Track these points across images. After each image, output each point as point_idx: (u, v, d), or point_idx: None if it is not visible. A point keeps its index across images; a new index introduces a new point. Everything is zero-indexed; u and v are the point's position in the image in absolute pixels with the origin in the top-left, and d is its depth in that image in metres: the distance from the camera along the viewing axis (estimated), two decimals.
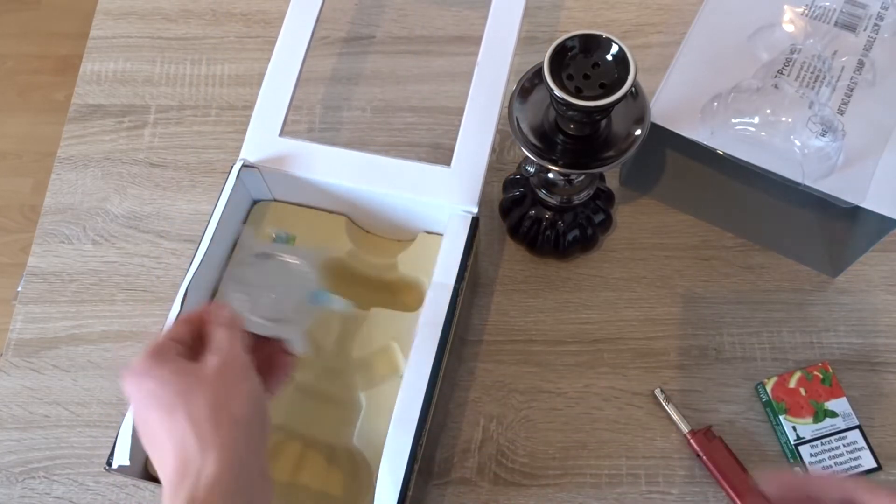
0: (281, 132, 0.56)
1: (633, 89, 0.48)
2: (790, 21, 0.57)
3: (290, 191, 0.58)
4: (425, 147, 0.68)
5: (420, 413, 0.47)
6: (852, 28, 0.56)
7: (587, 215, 0.60)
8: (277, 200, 0.59)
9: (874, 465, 0.54)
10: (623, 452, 0.57)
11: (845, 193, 0.51)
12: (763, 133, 0.51)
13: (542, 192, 0.58)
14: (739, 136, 0.52)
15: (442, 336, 0.49)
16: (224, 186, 0.55)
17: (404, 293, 0.58)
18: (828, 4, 0.57)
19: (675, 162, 0.60)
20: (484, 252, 0.63)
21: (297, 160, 0.55)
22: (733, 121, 0.52)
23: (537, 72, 0.52)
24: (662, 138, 0.54)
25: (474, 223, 0.53)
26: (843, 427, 0.54)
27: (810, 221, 0.58)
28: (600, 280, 0.62)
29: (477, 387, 0.59)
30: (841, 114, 0.53)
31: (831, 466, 0.54)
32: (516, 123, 0.51)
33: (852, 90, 0.54)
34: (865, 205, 0.50)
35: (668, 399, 0.57)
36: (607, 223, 0.62)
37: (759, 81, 0.53)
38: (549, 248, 0.61)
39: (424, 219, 0.56)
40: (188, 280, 0.51)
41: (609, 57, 0.47)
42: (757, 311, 0.60)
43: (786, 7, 0.57)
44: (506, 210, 0.62)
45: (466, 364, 0.60)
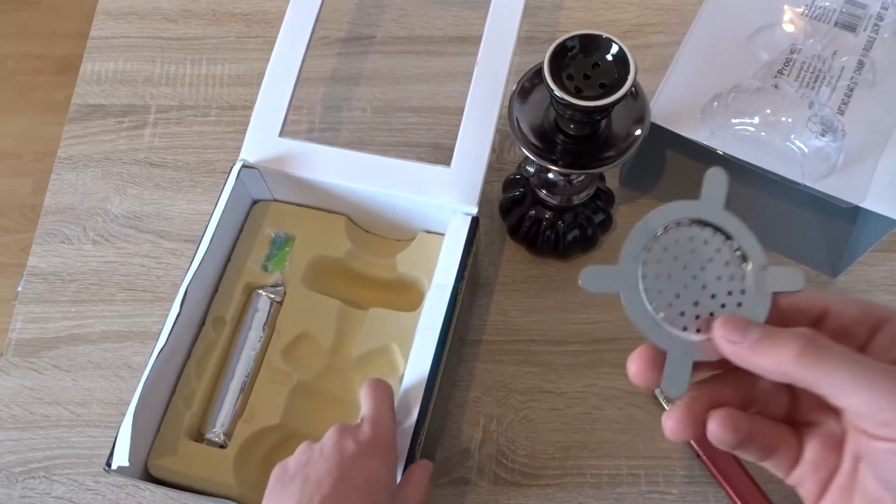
0: (281, 132, 0.56)
1: (633, 89, 0.48)
2: (790, 21, 0.57)
3: (290, 191, 0.58)
4: (425, 147, 0.68)
5: (418, 414, 0.47)
6: (852, 28, 0.56)
7: (587, 215, 0.60)
8: (277, 201, 0.59)
9: None
10: (623, 452, 0.57)
11: (845, 193, 0.51)
12: (763, 133, 0.51)
13: (542, 192, 0.58)
14: (739, 136, 0.52)
15: (441, 337, 0.49)
16: (224, 186, 0.55)
17: (404, 293, 0.58)
18: (828, 4, 0.57)
19: (675, 162, 0.60)
20: (484, 252, 0.63)
21: (297, 160, 0.55)
22: (733, 121, 0.52)
23: (537, 72, 0.52)
24: (662, 138, 0.54)
25: (474, 223, 0.53)
26: None
27: (810, 221, 0.58)
28: None
29: (477, 387, 0.59)
30: (841, 114, 0.53)
31: None
32: (516, 123, 0.51)
33: (852, 90, 0.54)
34: (865, 205, 0.50)
35: (668, 399, 0.57)
36: (607, 223, 0.62)
37: (759, 81, 0.53)
38: (549, 248, 0.61)
39: (424, 218, 0.56)
40: (188, 280, 0.51)
41: (609, 57, 0.47)
42: None
43: (786, 7, 0.57)
44: (506, 210, 0.62)
45: (466, 364, 0.60)
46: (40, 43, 1.62)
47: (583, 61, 0.47)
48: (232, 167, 0.55)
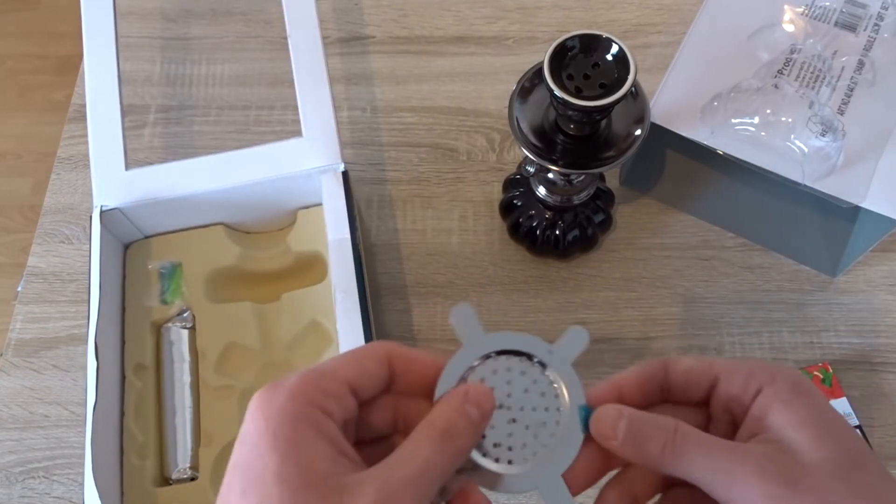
0: (126, 166, 0.55)
1: (633, 89, 0.48)
2: (790, 21, 0.57)
3: (159, 219, 0.57)
4: (425, 147, 0.68)
5: None
6: (852, 28, 0.56)
7: (587, 215, 0.60)
8: (149, 237, 0.58)
9: None
10: None
11: (845, 193, 0.51)
12: (763, 133, 0.51)
13: (542, 192, 0.58)
14: (739, 136, 0.52)
15: (359, 285, 0.50)
16: (91, 237, 0.53)
17: (308, 270, 0.59)
18: (828, 4, 0.57)
19: (675, 162, 0.60)
20: (484, 252, 0.64)
21: (154, 185, 0.55)
22: (733, 121, 0.52)
23: (537, 72, 0.52)
24: (662, 138, 0.54)
25: (345, 176, 0.54)
26: None
27: (810, 221, 0.58)
28: (600, 280, 0.62)
29: None
30: (841, 114, 0.53)
31: None
32: (516, 123, 0.51)
33: (852, 90, 0.54)
34: (865, 205, 0.50)
35: None
36: (607, 223, 0.62)
37: (759, 81, 0.53)
38: (549, 248, 0.61)
39: (297, 196, 0.57)
40: (93, 334, 0.49)
41: (609, 57, 0.47)
42: (757, 311, 0.60)
43: (786, 7, 0.57)
44: (506, 210, 0.62)
45: None
46: (40, 43, 1.62)
47: (583, 61, 0.47)
48: (91, 218, 0.53)
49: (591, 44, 0.47)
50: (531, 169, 0.57)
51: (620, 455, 0.29)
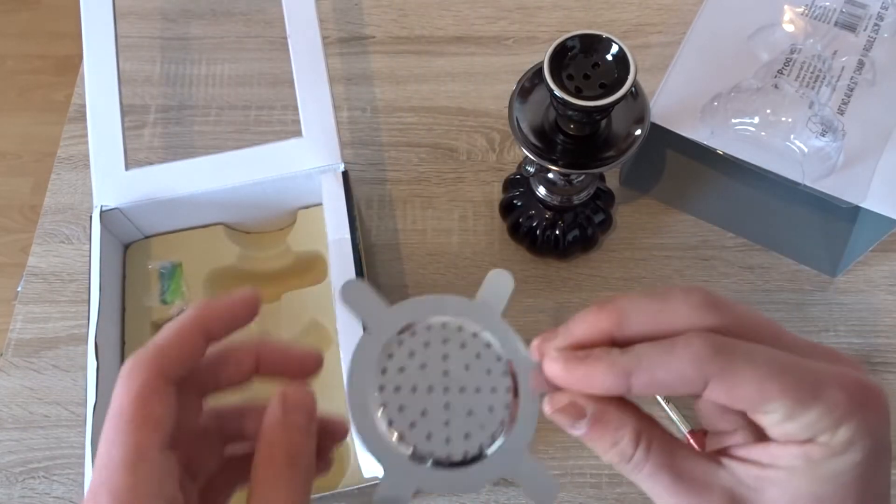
0: (126, 166, 0.55)
1: (633, 89, 0.48)
2: (790, 21, 0.57)
3: (158, 220, 0.57)
4: (425, 147, 0.68)
5: None
6: (852, 28, 0.56)
7: (587, 215, 0.60)
8: (149, 237, 0.58)
9: None
10: None
11: (845, 193, 0.51)
12: (763, 133, 0.51)
13: (542, 192, 0.58)
14: (739, 136, 0.52)
15: None
16: (91, 237, 0.53)
17: (309, 270, 0.59)
18: (828, 4, 0.57)
19: (675, 162, 0.60)
20: (484, 252, 0.64)
21: (154, 185, 0.54)
22: (733, 121, 0.52)
23: (537, 72, 0.52)
24: (662, 138, 0.54)
25: (345, 176, 0.54)
26: None
27: (810, 221, 0.58)
28: (600, 280, 0.62)
29: None
30: (841, 114, 0.53)
31: None
32: (516, 123, 0.51)
33: (852, 90, 0.54)
34: (865, 205, 0.50)
35: (668, 399, 0.57)
36: (607, 223, 0.62)
37: (759, 81, 0.53)
38: (549, 248, 0.61)
39: (297, 196, 0.57)
40: (93, 335, 0.49)
41: (609, 57, 0.47)
42: None
43: (786, 7, 0.57)
44: (506, 210, 0.62)
45: None
46: (40, 43, 1.62)
47: (583, 61, 0.47)
48: (91, 218, 0.53)
49: (591, 44, 0.47)
50: (531, 169, 0.57)
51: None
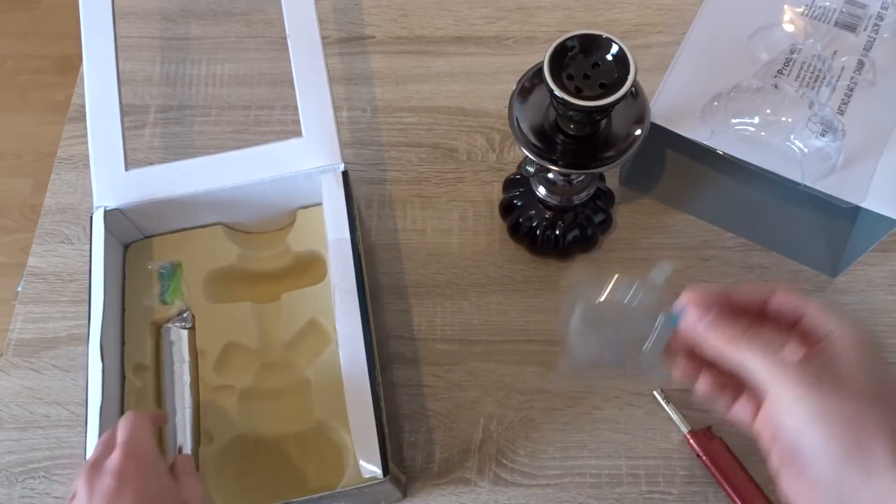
0: (126, 166, 0.55)
1: (633, 89, 0.48)
2: (790, 21, 0.57)
3: (159, 220, 0.57)
4: (425, 147, 0.68)
5: (366, 356, 0.48)
6: (852, 28, 0.56)
7: (587, 215, 0.60)
8: (149, 237, 0.59)
9: None
10: (623, 452, 0.57)
11: (845, 193, 0.51)
12: (763, 133, 0.51)
13: (542, 192, 0.58)
14: (739, 136, 0.52)
15: (359, 285, 0.50)
16: (92, 238, 0.53)
17: (308, 269, 0.59)
18: (828, 4, 0.57)
19: (675, 162, 0.60)
20: (484, 252, 0.64)
21: (154, 186, 0.55)
22: (733, 121, 0.52)
23: (537, 72, 0.52)
24: (662, 138, 0.54)
25: (345, 176, 0.54)
26: None
27: (810, 221, 0.58)
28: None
29: (477, 387, 0.59)
30: (841, 114, 0.53)
31: None
32: (516, 123, 0.51)
33: (852, 90, 0.54)
34: (865, 205, 0.50)
35: (668, 399, 0.57)
36: (607, 223, 0.62)
37: (759, 81, 0.53)
38: (549, 248, 0.61)
39: (297, 195, 0.57)
40: (98, 333, 0.50)
41: (609, 57, 0.47)
42: None
43: (786, 7, 0.57)
44: (506, 210, 0.62)
45: (466, 364, 0.60)
46: (40, 43, 1.62)
47: (583, 61, 0.47)
48: (92, 218, 0.53)
49: (591, 44, 0.47)
50: (531, 169, 0.57)
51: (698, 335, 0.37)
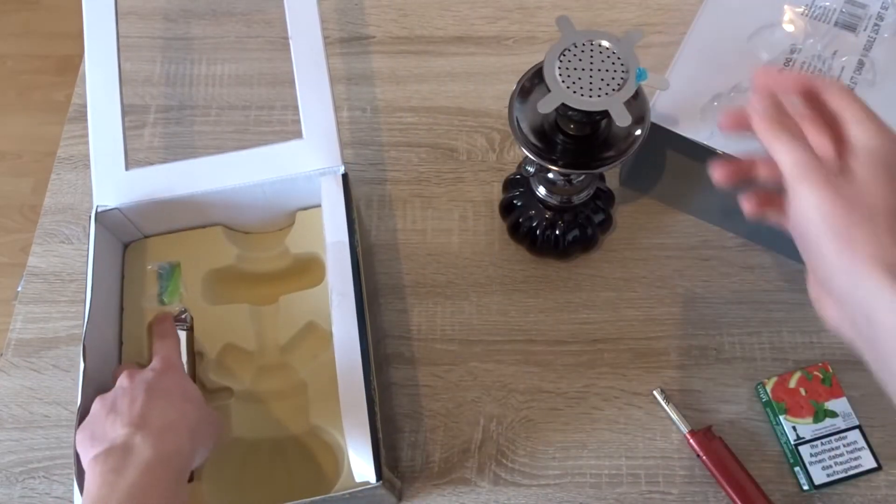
0: (127, 166, 0.55)
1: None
2: (790, 21, 0.57)
3: (158, 220, 0.57)
4: (425, 147, 0.68)
5: (362, 360, 0.48)
6: (852, 28, 0.56)
7: (587, 215, 0.60)
8: (148, 237, 0.58)
9: (874, 465, 0.54)
10: (623, 452, 0.57)
11: None
12: None
13: (542, 192, 0.58)
14: (739, 136, 0.52)
15: (356, 288, 0.50)
16: (89, 237, 0.53)
17: (306, 272, 0.59)
18: (828, 4, 0.57)
19: (675, 162, 0.60)
20: (484, 252, 0.64)
21: (154, 186, 0.54)
22: None
23: (537, 72, 0.52)
24: (662, 138, 0.54)
25: (345, 179, 0.54)
26: (843, 427, 0.54)
27: None
28: (600, 280, 0.62)
29: (477, 387, 0.59)
30: None
31: (831, 466, 0.54)
32: (516, 123, 0.51)
33: (852, 90, 0.54)
34: None
35: (668, 399, 0.57)
36: (607, 223, 0.62)
37: None
38: (549, 248, 0.61)
39: (296, 197, 0.57)
40: (84, 334, 0.49)
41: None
42: (757, 311, 0.60)
43: (786, 7, 0.57)
44: (506, 210, 0.62)
45: (466, 364, 0.60)
46: (40, 43, 1.62)
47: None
48: (91, 216, 0.53)
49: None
50: (531, 169, 0.57)
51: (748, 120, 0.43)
